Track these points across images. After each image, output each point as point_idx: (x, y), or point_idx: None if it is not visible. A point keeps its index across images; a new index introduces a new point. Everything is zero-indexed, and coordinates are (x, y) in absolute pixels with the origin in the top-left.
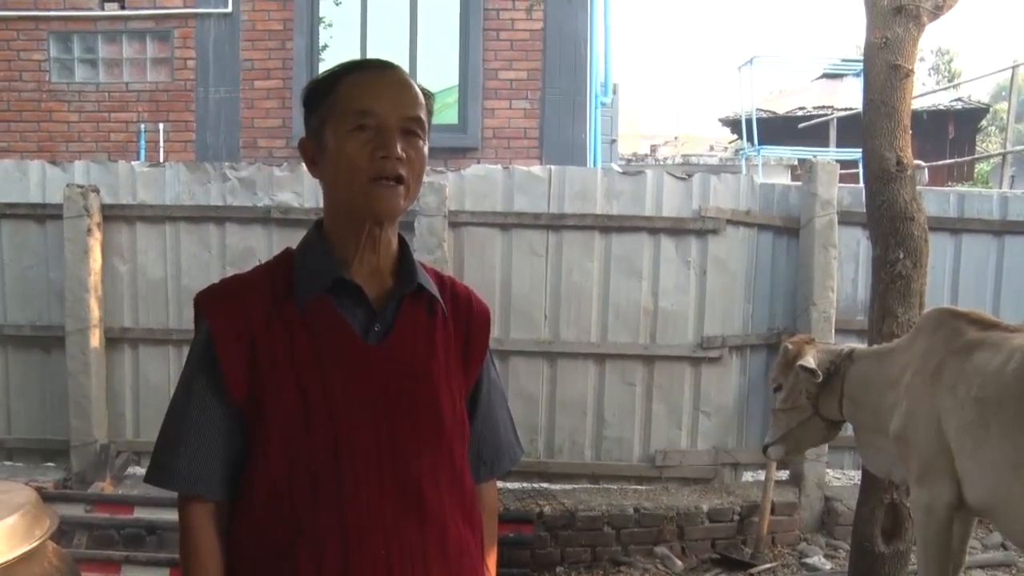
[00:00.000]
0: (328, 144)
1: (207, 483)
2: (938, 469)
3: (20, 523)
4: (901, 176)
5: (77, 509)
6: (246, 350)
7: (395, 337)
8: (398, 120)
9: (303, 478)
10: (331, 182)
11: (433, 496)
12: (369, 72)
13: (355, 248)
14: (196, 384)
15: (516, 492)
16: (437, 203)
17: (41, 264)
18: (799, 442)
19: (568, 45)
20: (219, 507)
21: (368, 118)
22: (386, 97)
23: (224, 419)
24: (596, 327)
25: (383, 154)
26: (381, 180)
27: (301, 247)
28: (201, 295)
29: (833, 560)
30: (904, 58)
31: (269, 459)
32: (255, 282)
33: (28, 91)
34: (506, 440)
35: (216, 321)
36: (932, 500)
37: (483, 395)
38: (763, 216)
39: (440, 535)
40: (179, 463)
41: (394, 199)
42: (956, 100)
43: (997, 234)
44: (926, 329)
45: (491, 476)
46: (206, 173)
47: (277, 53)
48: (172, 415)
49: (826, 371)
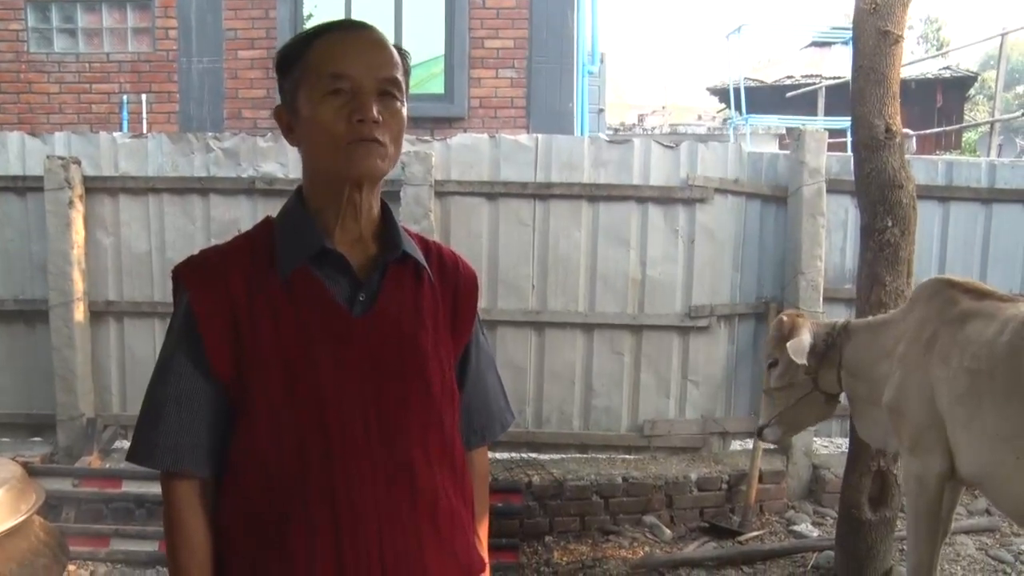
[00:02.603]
0: (302, 110)
1: (191, 459)
2: (930, 440)
3: (6, 498)
4: (890, 144)
5: (64, 483)
6: (228, 323)
7: (381, 306)
8: (373, 82)
9: (290, 453)
10: (308, 149)
11: (424, 467)
12: (342, 33)
13: (336, 216)
14: (177, 358)
15: (504, 462)
16: (423, 173)
17: (23, 237)
18: (798, 419)
19: (555, 13)
20: (204, 484)
21: (342, 81)
22: (360, 59)
23: (207, 394)
24: (584, 297)
25: (359, 117)
26: (358, 142)
27: (281, 216)
28: (180, 267)
29: (821, 528)
30: (894, 24)
31: (255, 435)
32: (235, 253)
33: (6, 62)
34: (496, 406)
35: (196, 293)
36: (923, 470)
37: (472, 361)
38: (751, 185)
39: (431, 506)
40: (161, 440)
41: (371, 159)
42: (944, 68)
43: (985, 202)
44: (921, 299)
45: (482, 443)
46: (189, 144)
47: (261, 22)
48: (153, 391)
49: (822, 344)
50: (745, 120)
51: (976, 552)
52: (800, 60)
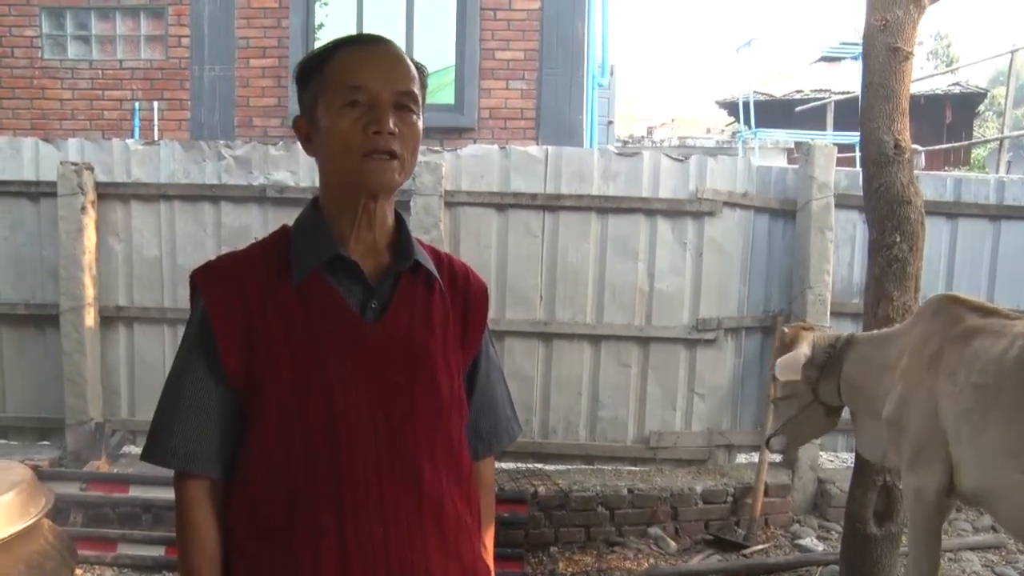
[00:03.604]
0: (321, 121)
1: (203, 461)
2: (930, 454)
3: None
4: (899, 159)
5: (72, 487)
6: (242, 328)
7: (392, 314)
8: (390, 95)
9: (299, 456)
10: (325, 159)
11: (430, 474)
12: (360, 47)
13: (351, 224)
14: (192, 361)
15: (511, 472)
16: (433, 183)
17: (35, 242)
18: (800, 431)
19: (565, 25)
20: (215, 485)
21: (360, 93)
22: (377, 72)
23: (220, 397)
24: (592, 308)
25: (375, 129)
26: (374, 155)
27: (298, 224)
28: (197, 272)
29: (826, 542)
30: (904, 40)
31: (266, 437)
32: (251, 259)
33: (20, 68)
34: (504, 417)
35: (212, 299)
36: (923, 485)
37: (481, 372)
38: (760, 198)
39: (437, 513)
40: (175, 441)
41: (388, 173)
42: (954, 84)
43: (993, 219)
44: (926, 315)
45: (489, 453)
46: (201, 151)
47: (273, 31)
48: (168, 393)
49: (823, 356)
50: (754, 134)
51: (982, 569)
52: (810, 75)
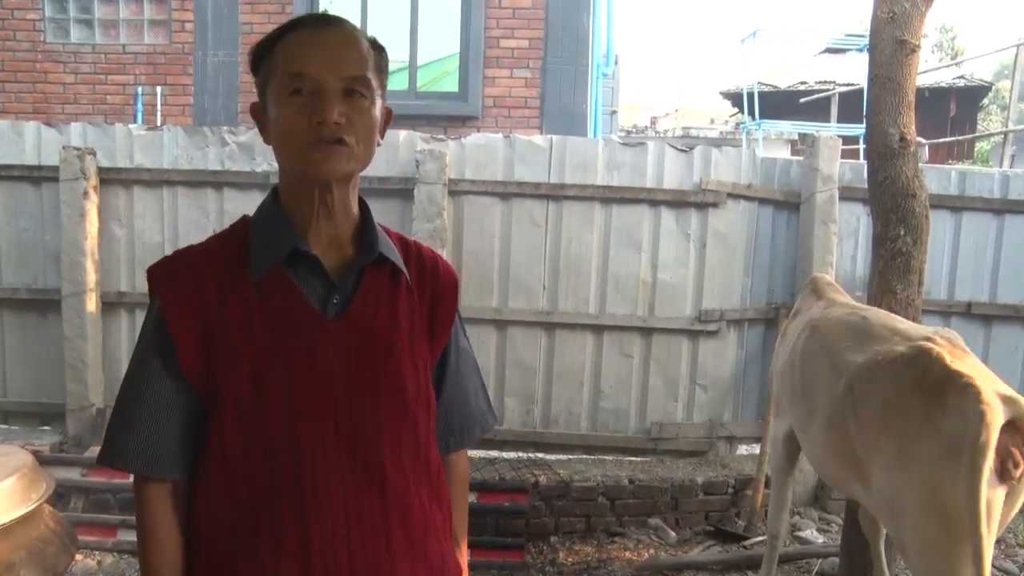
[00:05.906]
0: (269, 110)
1: (163, 463)
2: (781, 407)
3: (17, 486)
4: (904, 152)
5: (73, 473)
6: (199, 325)
7: (355, 309)
8: (337, 81)
9: (260, 457)
10: (276, 149)
11: (395, 473)
12: (306, 31)
13: (310, 216)
14: (149, 362)
15: (512, 462)
16: (437, 171)
17: (37, 227)
18: None
19: (570, 14)
20: (176, 487)
21: (303, 81)
22: (321, 58)
23: (179, 397)
24: (594, 298)
25: (318, 119)
26: (318, 143)
27: (257, 216)
28: (152, 269)
29: (826, 534)
30: (911, 33)
31: (226, 438)
32: (209, 253)
33: (23, 51)
34: (477, 410)
35: (168, 296)
36: (775, 434)
37: (451, 365)
38: (764, 190)
39: (403, 512)
40: (133, 442)
41: (335, 161)
42: (958, 78)
43: (997, 213)
44: (804, 290)
45: (461, 446)
46: (204, 137)
47: (277, 17)
48: (125, 394)
49: None
50: (758, 125)
51: None
52: (814, 66)
